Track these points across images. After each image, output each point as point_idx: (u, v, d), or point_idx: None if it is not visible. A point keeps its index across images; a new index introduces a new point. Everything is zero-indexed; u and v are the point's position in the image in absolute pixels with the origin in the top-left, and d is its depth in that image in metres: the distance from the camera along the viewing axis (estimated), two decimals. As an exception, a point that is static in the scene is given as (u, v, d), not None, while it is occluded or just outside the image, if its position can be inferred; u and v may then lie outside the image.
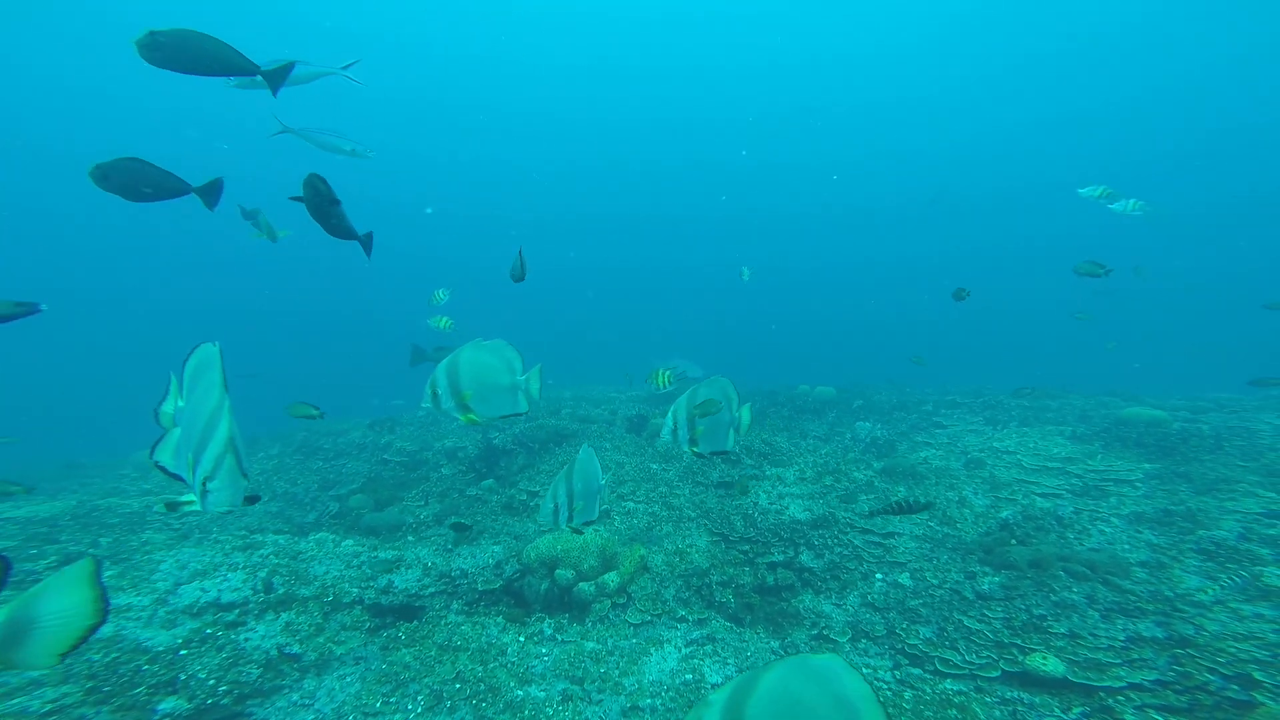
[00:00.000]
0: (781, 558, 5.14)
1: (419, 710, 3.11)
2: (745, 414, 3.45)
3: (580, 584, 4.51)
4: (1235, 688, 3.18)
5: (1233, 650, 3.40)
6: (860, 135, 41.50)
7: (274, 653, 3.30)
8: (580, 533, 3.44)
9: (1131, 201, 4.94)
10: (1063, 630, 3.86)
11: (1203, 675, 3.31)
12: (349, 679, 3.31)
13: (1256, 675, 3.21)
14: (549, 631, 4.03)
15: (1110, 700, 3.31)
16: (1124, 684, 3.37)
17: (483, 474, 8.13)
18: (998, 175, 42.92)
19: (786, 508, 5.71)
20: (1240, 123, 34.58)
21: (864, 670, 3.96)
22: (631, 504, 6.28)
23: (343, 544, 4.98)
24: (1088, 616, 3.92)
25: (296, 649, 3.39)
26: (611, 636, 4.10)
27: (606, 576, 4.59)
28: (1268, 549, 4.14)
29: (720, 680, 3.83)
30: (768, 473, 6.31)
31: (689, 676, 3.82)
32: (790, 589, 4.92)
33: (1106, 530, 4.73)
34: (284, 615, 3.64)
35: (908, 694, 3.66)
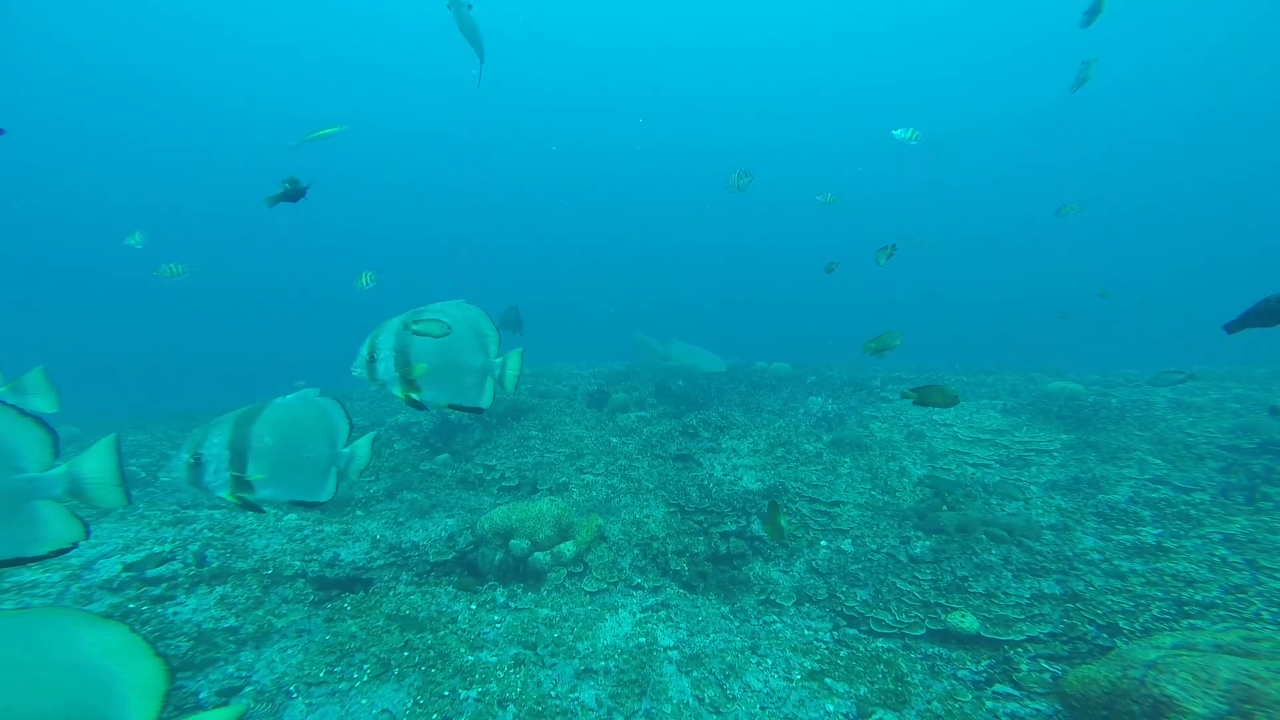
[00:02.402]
0: (734, 527, 5.31)
1: (365, 679, 3.06)
2: (514, 363, 2.53)
3: (535, 554, 4.51)
4: (1105, 636, 3.58)
5: (1109, 603, 3.82)
6: (840, 121, 42.00)
7: (208, 625, 3.15)
8: (252, 508, 2.18)
9: (909, 130, 5.46)
10: (981, 590, 4.19)
11: (1084, 627, 3.69)
12: (290, 651, 3.20)
13: (1121, 624, 3.63)
14: (502, 599, 4.03)
15: (1011, 652, 3.65)
16: (1024, 637, 3.72)
17: (438, 449, 7.94)
18: (977, 164, 44.40)
19: (740, 479, 5.89)
20: (1217, 113, 36.51)
21: (806, 633, 4.19)
22: (590, 476, 6.30)
23: (285, 518, 4.76)
24: (1002, 576, 4.27)
25: (233, 622, 3.24)
26: (567, 604, 4.14)
27: (562, 546, 4.61)
28: (1148, 510, 4.64)
29: (673, 643, 3.96)
30: (723, 445, 6.47)
31: (642, 640, 3.92)
32: (742, 557, 5.10)
33: (1025, 495, 5.15)
34: (219, 589, 3.46)
35: (843, 653, 3.90)
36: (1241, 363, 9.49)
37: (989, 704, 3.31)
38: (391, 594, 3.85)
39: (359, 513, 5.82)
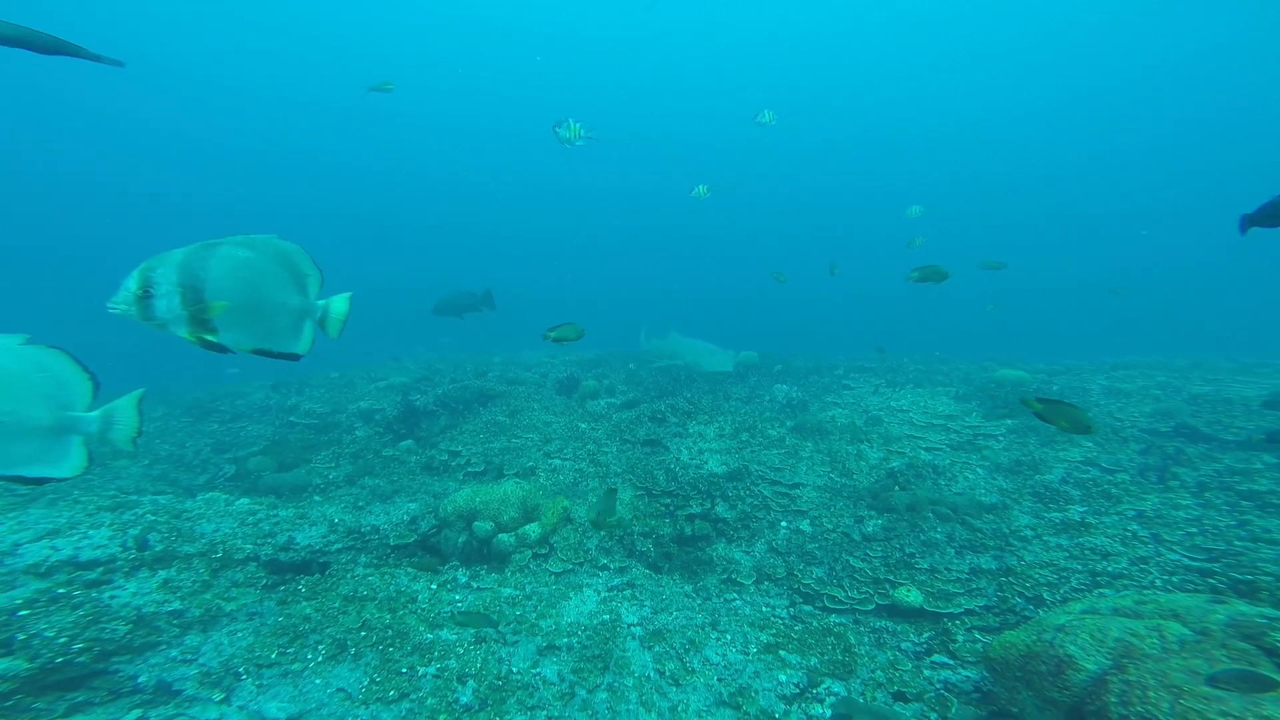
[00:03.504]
0: (699, 509, 5.42)
1: (320, 659, 3.00)
2: (340, 306, 2.19)
3: (500, 535, 4.50)
4: (1031, 607, 3.88)
5: (1037, 576, 4.12)
6: (835, 118, 42.27)
7: (149, 609, 3.01)
8: (215, 348, 1.96)
9: (701, 186, 5.66)
10: (926, 566, 4.43)
11: (1015, 599, 3.97)
12: (240, 634, 3.11)
13: (1045, 595, 3.93)
14: (464, 579, 4.01)
15: (950, 624, 3.88)
16: (962, 610, 3.96)
17: (401, 435, 7.77)
18: (966, 161, 45.52)
19: (705, 462, 6.01)
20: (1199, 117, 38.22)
21: (764, 609, 4.35)
22: (559, 461, 6.31)
23: (237, 503, 4.58)
24: (945, 553, 4.53)
25: (177, 605, 3.11)
26: (531, 583, 4.16)
27: (527, 528, 4.62)
28: (1078, 490, 5.02)
29: (636, 620, 4.04)
30: (690, 430, 6.58)
31: (606, 617, 3.98)
32: (706, 539, 5.22)
33: (971, 477, 5.47)
34: (162, 573, 3.31)
35: (798, 627, 4.07)
36: (1166, 353, 10.31)
37: (926, 672, 3.53)
38: (349, 576, 3.78)
39: (317, 498, 5.65)
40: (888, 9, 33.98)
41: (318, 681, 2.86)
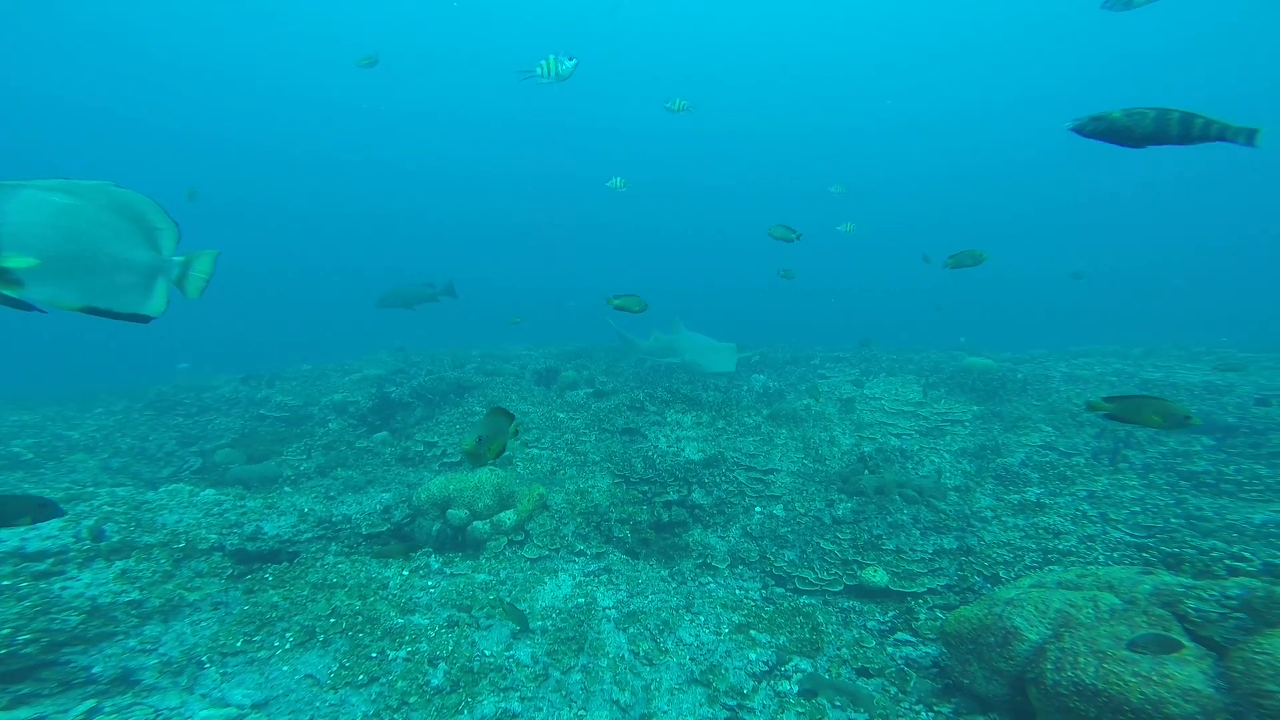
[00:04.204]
0: (676, 496, 5.49)
1: (287, 646, 2.97)
2: (203, 264, 2.02)
3: (475, 523, 4.49)
4: (989, 586, 4.05)
5: (995, 555, 4.30)
6: (829, 112, 42.34)
7: (105, 600, 2.93)
8: (21, 306, 1.72)
9: (679, 101, 6.10)
10: (892, 547, 4.58)
11: (974, 578, 4.15)
12: (204, 623, 3.05)
13: (1001, 574, 4.11)
14: (436, 565, 4.00)
15: (913, 603, 4.02)
16: (925, 589, 4.11)
17: (376, 427, 7.65)
18: (960, 154, 46.07)
19: (683, 450, 6.08)
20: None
21: (738, 591, 4.44)
22: (536, 450, 6.30)
23: (202, 494, 4.46)
24: (911, 534, 4.69)
25: (136, 595, 3.03)
26: (505, 569, 4.17)
27: (503, 515, 4.62)
28: (1036, 473, 5.25)
29: (612, 603, 4.09)
30: (669, 418, 6.64)
31: (581, 601, 4.02)
32: (683, 525, 5.29)
33: (937, 460, 5.67)
34: (119, 563, 3.22)
35: (769, 609, 4.16)
36: (1124, 342, 10.80)
37: (889, 649, 3.66)
38: (318, 564, 3.73)
39: (287, 489, 5.54)
40: (873, 4, 34.24)
41: (285, 668, 2.83)
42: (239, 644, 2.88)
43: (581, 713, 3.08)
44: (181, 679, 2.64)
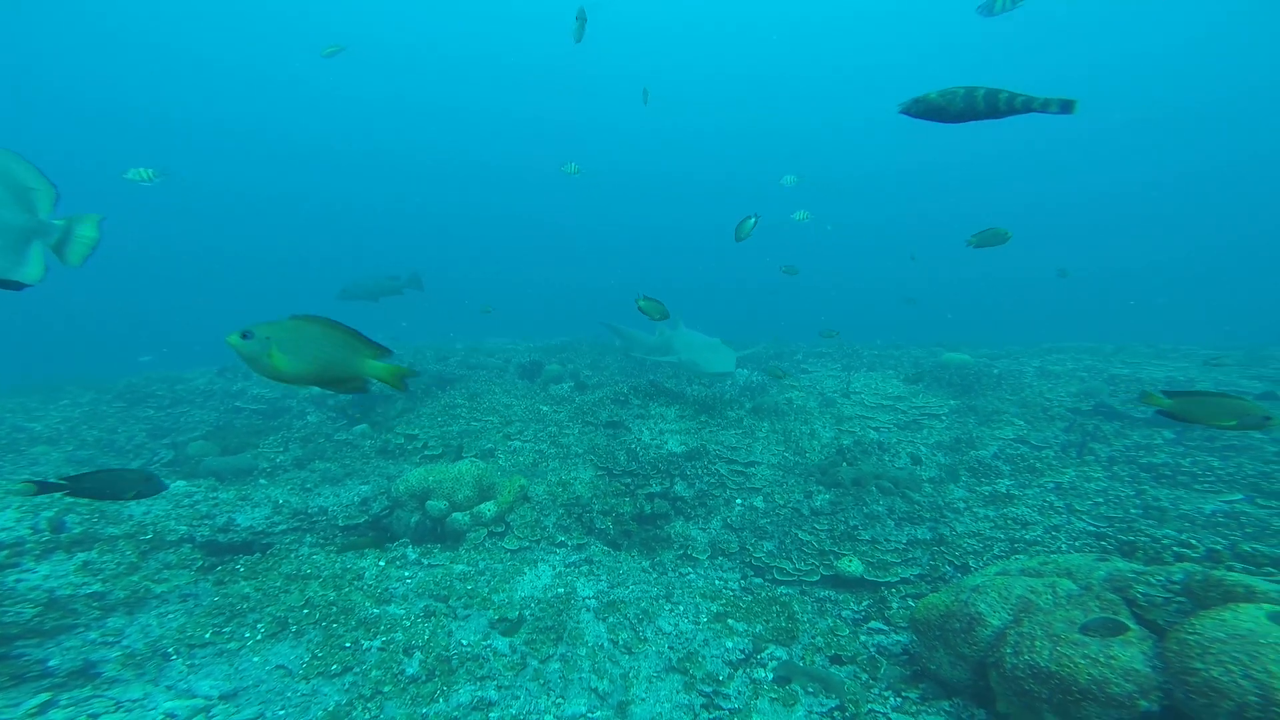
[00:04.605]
0: (659, 488, 5.51)
1: (259, 637, 2.92)
2: (86, 229, 1.87)
3: (454, 514, 4.46)
4: (959, 575, 4.16)
5: (965, 545, 4.41)
6: (817, 106, 42.26)
7: (64, 592, 2.85)
8: None
9: (572, 165, 6.16)
10: (868, 537, 4.65)
11: (945, 568, 4.24)
12: (172, 615, 2.98)
13: (971, 564, 4.22)
14: (413, 556, 3.97)
15: (887, 592, 4.10)
16: (898, 579, 4.18)
17: (356, 419, 7.54)
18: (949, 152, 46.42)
19: (666, 443, 6.11)
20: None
21: (717, 582, 4.48)
22: (519, 443, 6.27)
23: (171, 485, 4.35)
24: (886, 525, 4.78)
25: (98, 587, 2.95)
26: (484, 560, 4.15)
27: (483, 506, 4.59)
28: (1007, 465, 5.40)
29: (592, 593, 4.10)
30: (652, 411, 6.67)
31: (561, 591, 4.03)
32: (665, 517, 5.32)
33: (914, 453, 5.78)
34: (81, 555, 3.13)
35: (747, 598, 4.21)
36: (1097, 339, 11.15)
37: (863, 638, 3.72)
38: (293, 555, 3.67)
39: (263, 481, 5.44)
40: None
41: (256, 659, 2.79)
42: (208, 635, 2.83)
43: (559, 700, 3.10)
44: (146, 671, 2.59)
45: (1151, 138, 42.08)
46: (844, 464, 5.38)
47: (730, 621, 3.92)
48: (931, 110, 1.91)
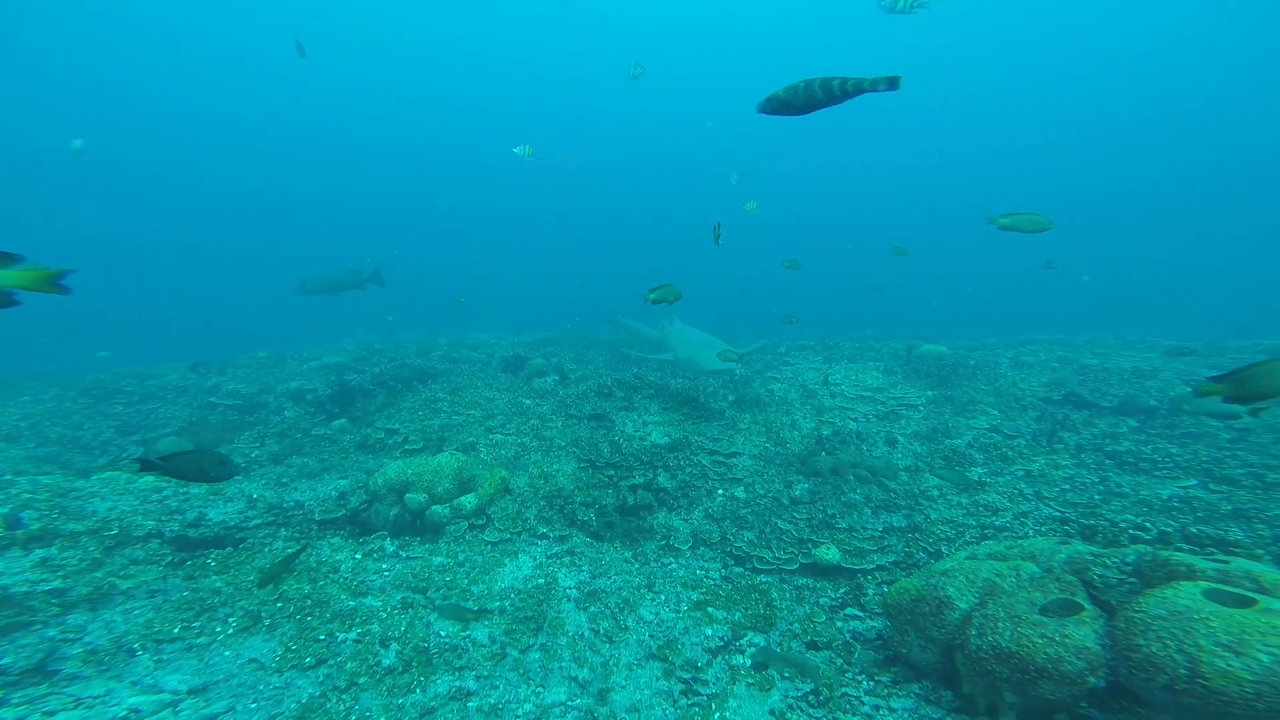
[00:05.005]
0: (642, 480, 5.53)
1: (230, 631, 2.87)
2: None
3: (434, 507, 4.42)
4: (932, 561, 4.24)
5: (939, 532, 4.50)
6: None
7: (20, 589, 2.75)
8: None
9: (524, 147, 6.27)
10: (845, 526, 4.72)
11: (919, 554, 4.31)
12: (138, 611, 2.91)
13: (944, 550, 4.32)
14: (391, 548, 3.93)
15: (863, 579, 4.17)
16: (874, 566, 4.24)
17: (335, 415, 7.42)
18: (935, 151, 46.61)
19: (649, 434, 6.14)
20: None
21: (698, 571, 4.51)
22: (501, 436, 6.24)
23: (140, 481, 4.24)
24: (863, 513, 4.86)
25: (58, 584, 2.86)
26: (464, 552, 4.13)
27: (463, 499, 4.56)
28: (980, 454, 5.54)
29: (574, 584, 4.10)
30: (636, 404, 6.68)
31: (542, 581, 4.03)
32: (648, 508, 5.34)
33: (890, 438, 5.90)
34: (39, 551, 3.03)
35: (727, 587, 4.25)
36: (1069, 331, 11.49)
37: (839, 624, 3.78)
38: (266, 549, 3.61)
39: (237, 476, 5.32)
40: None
41: (227, 654, 2.74)
42: (176, 630, 2.77)
43: (539, 689, 3.10)
44: (110, 667, 2.52)
45: (1136, 138, 42.82)
46: (823, 453, 5.46)
47: (710, 609, 3.95)
48: (782, 105, 2.03)
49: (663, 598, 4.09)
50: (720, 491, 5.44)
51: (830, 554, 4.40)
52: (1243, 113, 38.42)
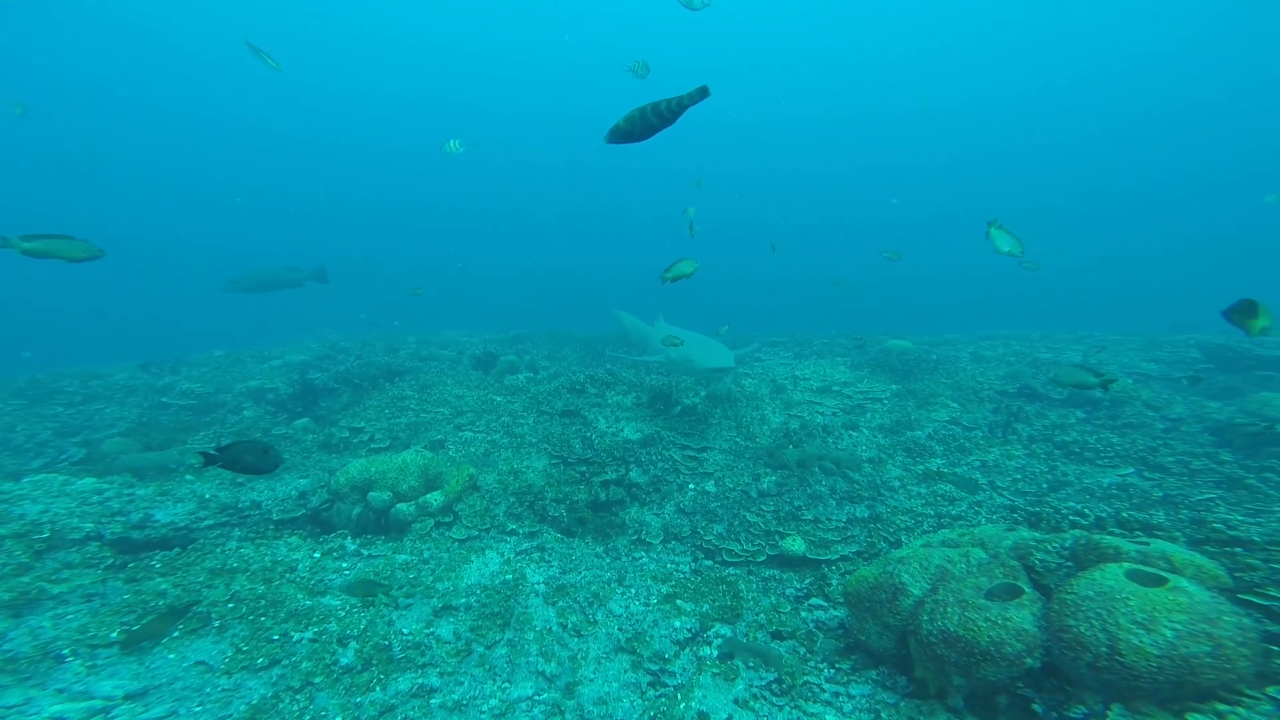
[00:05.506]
0: (615, 475, 5.52)
1: (175, 634, 2.73)
2: None
3: (399, 505, 4.32)
4: (891, 549, 4.36)
5: (899, 521, 4.64)
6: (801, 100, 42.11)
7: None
8: None
9: (454, 141, 6.22)
10: (810, 517, 4.80)
11: (880, 544, 4.42)
12: (71, 616, 2.74)
13: (904, 539, 4.45)
14: (353, 547, 3.81)
15: (827, 570, 4.24)
16: (838, 556, 4.32)
17: (297, 414, 7.17)
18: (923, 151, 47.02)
19: (622, 430, 6.14)
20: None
21: (669, 565, 4.52)
22: (470, 433, 6.14)
23: (78, 483, 3.99)
24: (828, 505, 4.96)
25: (-20, 590, 2.67)
26: (430, 549, 4.04)
27: (429, 496, 4.47)
28: (940, 445, 5.75)
29: (542, 579, 4.07)
30: (609, 400, 6.67)
31: (509, 577, 3.98)
32: (620, 503, 5.33)
33: (856, 436, 6.06)
34: (-42, 556, 2.82)
35: (696, 579, 4.27)
36: (1024, 326, 12.06)
37: (803, 614, 3.83)
38: (218, 550, 3.45)
39: (189, 477, 5.07)
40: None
41: (171, 656, 2.61)
42: (114, 634, 2.62)
43: (506, 684, 3.06)
44: (31, 675, 2.36)
45: (1116, 139, 43.30)
46: (790, 447, 5.57)
47: (679, 602, 3.97)
48: (623, 134, 2.14)
49: (633, 591, 4.09)
50: (692, 486, 5.48)
51: (796, 545, 4.47)
52: (1242, 113, 38.48)
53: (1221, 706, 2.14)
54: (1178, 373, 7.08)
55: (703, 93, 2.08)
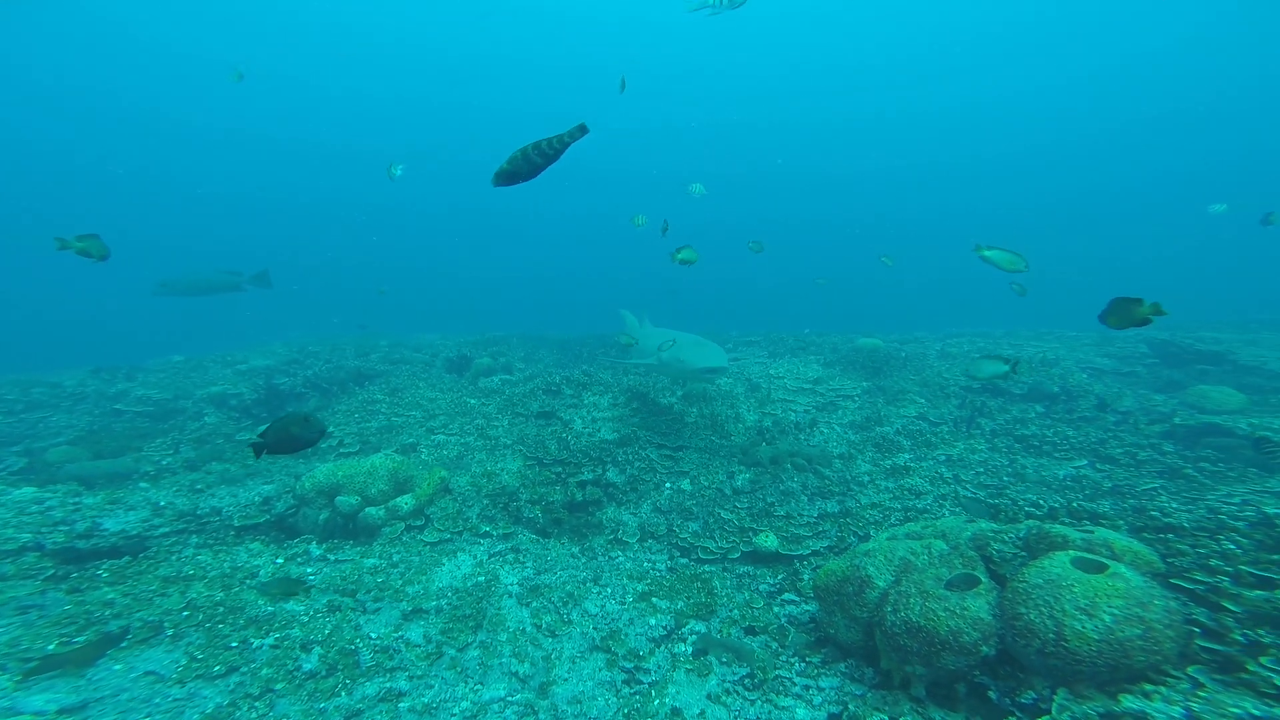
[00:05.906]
0: (591, 476, 5.50)
1: (124, 644, 2.60)
2: None
3: (367, 509, 4.21)
4: (860, 543, 4.44)
5: (868, 516, 4.74)
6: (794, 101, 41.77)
7: None
8: None
9: (397, 166, 6.40)
10: (783, 513, 4.85)
11: (850, 539, 4.50)
12: (2, 629, 2.58)
13: (873, 533, 4.53)
14: (318, 553, 3.70)
15: (799, 565, 4.30)
16: (809, 551, 4.37)
17: (262, 420, 6.93)
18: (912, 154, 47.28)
19: (599, 430, 6.12)
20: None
21: (645, 564, 4.51)
22: (443, 436, 6.03)
23: (15, 493, 3.77)
24: (800, 501, 5.03)
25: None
26: (399, 553, 3.95)
27: (399, 499, 4.37)
28: (907, 440, 5.92)
29: (516, 580, 4.01)
30: (585, 400, 6.65)
31: (482, 579, 3.91)
32: (597, 503, 5.31)
33: (827, 432, 6.19)
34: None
35: (671, 577, 4.28)
36: (988, 323, 12.55)
37: (776, 609, 3.85)
38: (174, 558, 3.30)
39: (143, 484, 4.84)
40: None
41: (117, 667, 2.48)
42: (51, 647, 2.48)
43: (478, 686, 3.01)
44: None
45: (1115, 140, 43.60)
46: (764, 444, 5.65)
47: (655, 600, 3.97)
48: (508, 175, 2.20)
49: (609, 590, 4.07)
50: (668, 485, 5.50)
51: (769, 541, 4.51)
52: (1242, 113, 38.50)
53: (1148, 686, 2.25)
54: (1127, 368, 7.48)
55: (582, 130, 2.15)
